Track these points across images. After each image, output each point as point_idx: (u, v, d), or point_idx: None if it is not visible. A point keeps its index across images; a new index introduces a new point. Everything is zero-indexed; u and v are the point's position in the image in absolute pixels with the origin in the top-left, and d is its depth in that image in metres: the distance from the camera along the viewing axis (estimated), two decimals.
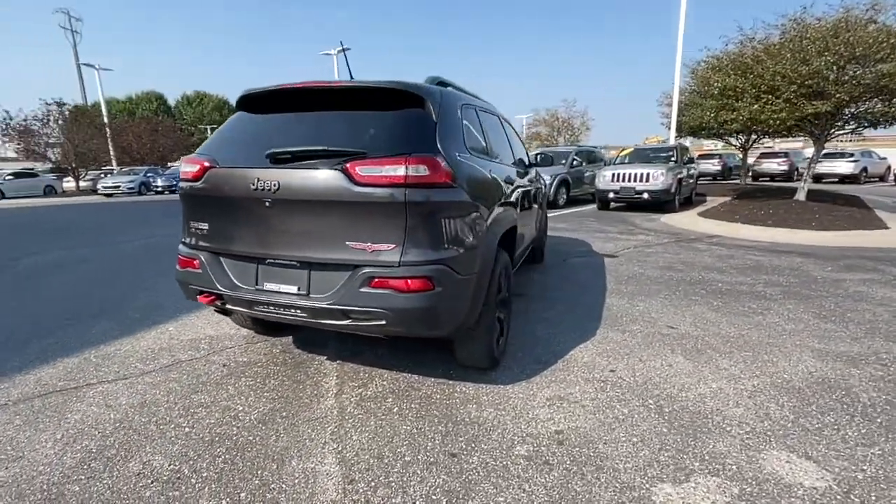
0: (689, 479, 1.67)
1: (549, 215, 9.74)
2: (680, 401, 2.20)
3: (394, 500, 1.58)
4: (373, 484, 1.66)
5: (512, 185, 2.86)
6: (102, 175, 24.40)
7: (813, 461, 1.76)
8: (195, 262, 2.20)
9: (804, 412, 2.09)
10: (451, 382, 2.40)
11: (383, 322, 1.88)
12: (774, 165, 21.43)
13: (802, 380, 2.39)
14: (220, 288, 2.12)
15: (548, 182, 10.91)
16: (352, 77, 2.42)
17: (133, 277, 4.78)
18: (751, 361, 2.60)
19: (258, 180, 1.92)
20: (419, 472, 1.73)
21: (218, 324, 3.28)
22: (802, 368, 2.51)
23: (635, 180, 9.84)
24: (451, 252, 1.92)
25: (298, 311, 1.99)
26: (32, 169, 25.13)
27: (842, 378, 2.40)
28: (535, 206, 4.03)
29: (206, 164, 2.09)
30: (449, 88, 2.59)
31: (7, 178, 21.91)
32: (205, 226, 2.16)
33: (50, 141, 24.20)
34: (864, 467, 1.72)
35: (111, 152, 27.51)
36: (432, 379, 2.44)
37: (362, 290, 1.86)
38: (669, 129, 15.35)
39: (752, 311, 3.46)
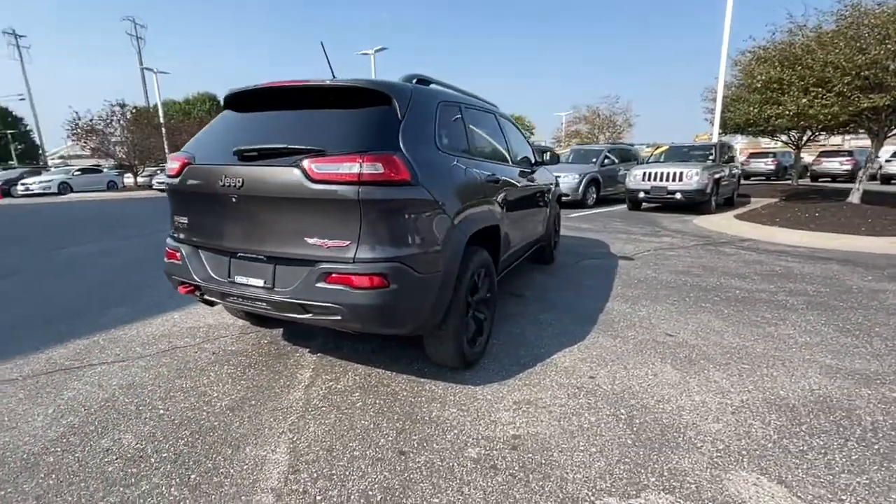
0: (639, 494, 1.58)
1: (576, 215, 9.54)
2: (654, 412, 2.08)
3: (331, 493, 1.60)
4: (315, 475, 1.69)
5: (499, 183, 2.80)
6: (158, 171, 26.23)
7: (785, 486, 1.61)
8: (177, 255, 2.32)
9: (791, 432, 1.92)
10: (422, 381, 2.40)
11: (339, 317, 1.90)
12: (836, 165, 19.74)
13: (799, 398, 2.20)
14: (198, 279, 2.22)
15: (575, 181, 10.63)
16: (333, 75, 2.46)
17: (159, 265, 5.09)
18: (746, 375, 2.42)
19: (225, 177, 2.00)
20: (363, 467, 1.74)
21: (219, 314, 3.44)
22: (804, 385, 2.31)
23: (668, 179, 9.37)
24: (408, 250, 1.91)
25: (264, 304, 2.05)
26: (98, 166, 27.26)
27: (846, 398, 2.19)
28: (541, 205, 3.94)
29: (185, 160, 2.19)
30: (430, 86, 2.58)
31: (75, 174, 23.94)
32: (185, 220, 2.27)
33: (113, 140, 26.13)
34: (843, 497, 1.56)
35: (166, 150, 29.52)
36: (405, 376, 2.45)
37: (318, 285, 1.89)
38: (713, 125, 14.47)
39: (764, 321, 3.21)
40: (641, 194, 9.90)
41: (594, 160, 11.66)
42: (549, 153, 4.49)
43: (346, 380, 2.42)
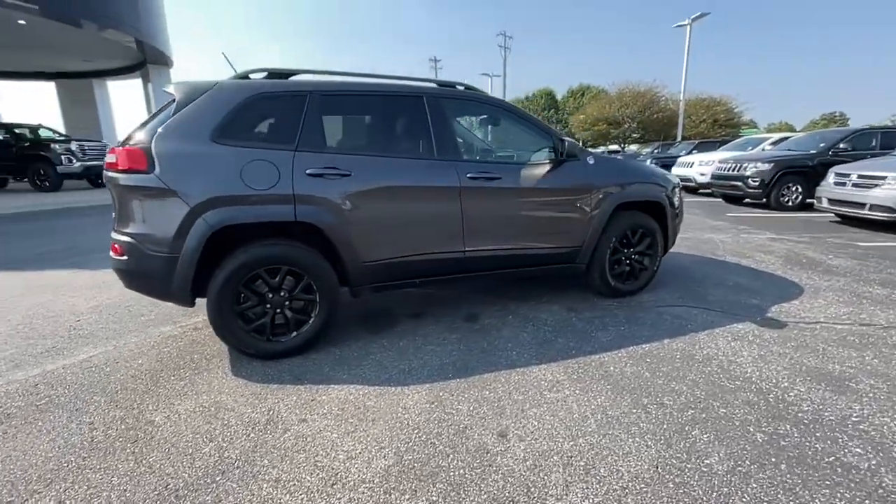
0: None
1: (767, 215, 7.04)
2: None
3: None
4: None
5: (341, 178, 2.46)
6: None
7: None
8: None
9: None
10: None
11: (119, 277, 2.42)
12: None
13: None
14: None
15: (762, 169, 7.85)
16: (234, 71, 2.68)
17: None
18: None
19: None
20: None
21: None
22: None
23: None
24: (138, 228, 2.24)
25: None
26: None
27: None
28: (537, 211, 2.99)
29: None
30: (284, 79, 2.54)
31: None
32: None
33: None
34: None
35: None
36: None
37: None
38: None
39: None
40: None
41: (820, 146, 8.13)
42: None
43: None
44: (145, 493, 1.52)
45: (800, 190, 7.89)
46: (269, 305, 2.43)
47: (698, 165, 11.05)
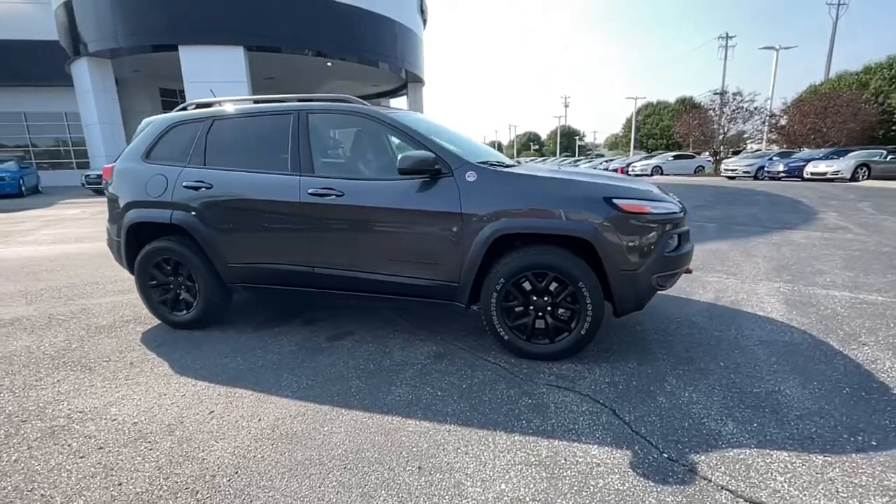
0: None
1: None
2: None
3: None
4: None
5: (202, 190, 2.90)
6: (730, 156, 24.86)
7: None
8: None
9: None
10: None
11: None
12: None
13: None
14: None
15: None
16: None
17: None
18: None
19: None
20: None
21: None
22: None
23: None
24: (110, 223, 3.28)
25: None
26: (692, 152, 28.05)
27: None
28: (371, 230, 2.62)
29: None
30: (174, 113, 3.17)
31: (669, 159, 25.58)
32: None
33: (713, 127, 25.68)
34: None
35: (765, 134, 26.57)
36: None
37: None
38: None
39: None
40: None
41: None
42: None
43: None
44: None
45: None
46: (171, 286, 3.11)
47: None
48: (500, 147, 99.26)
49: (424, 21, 23.51)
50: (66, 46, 16.99)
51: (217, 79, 14.67)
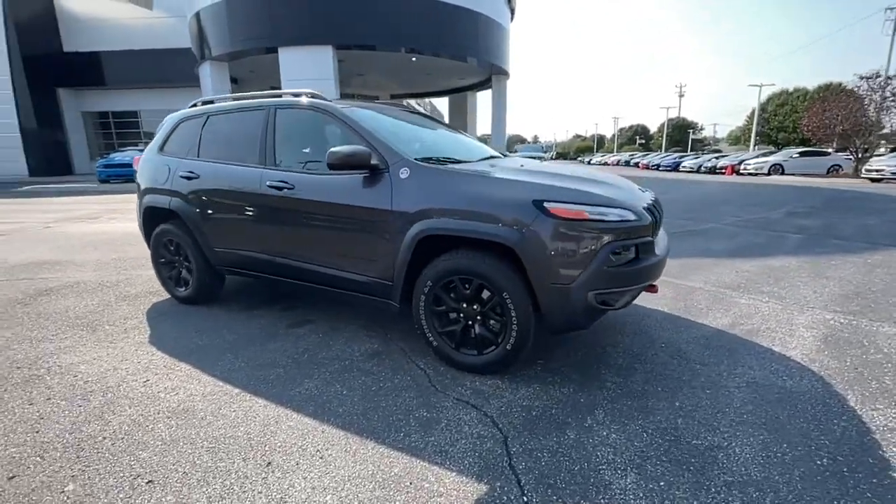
0: None
1: None
2: None
3: None
4: None
5: (193, 179, 3.21)
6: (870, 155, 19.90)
7: None
8: None
9: None
10: None
11: None
12: None
13: None
14: None
15: None
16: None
17: None
18: None
19: None
20: None
21: None
22: None
23: None
24: (140, 203, 3.70)
25: None
26: (824, 149, 23.54)
27: None
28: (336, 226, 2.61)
29: None
30: (204, 105, 3.45)
31: (793, 156, 21.97)
32: None
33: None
34: None
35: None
36: None
37: None
38: None
39: None
40: None
41: None
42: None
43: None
44: None
45: None
46: (175, 264, 3.52)
47: None
48: (601, 141, 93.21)
49: (512, 10, 23.00)
50: (196, 52, 19.79)
51: (309, 76, 16.01)
